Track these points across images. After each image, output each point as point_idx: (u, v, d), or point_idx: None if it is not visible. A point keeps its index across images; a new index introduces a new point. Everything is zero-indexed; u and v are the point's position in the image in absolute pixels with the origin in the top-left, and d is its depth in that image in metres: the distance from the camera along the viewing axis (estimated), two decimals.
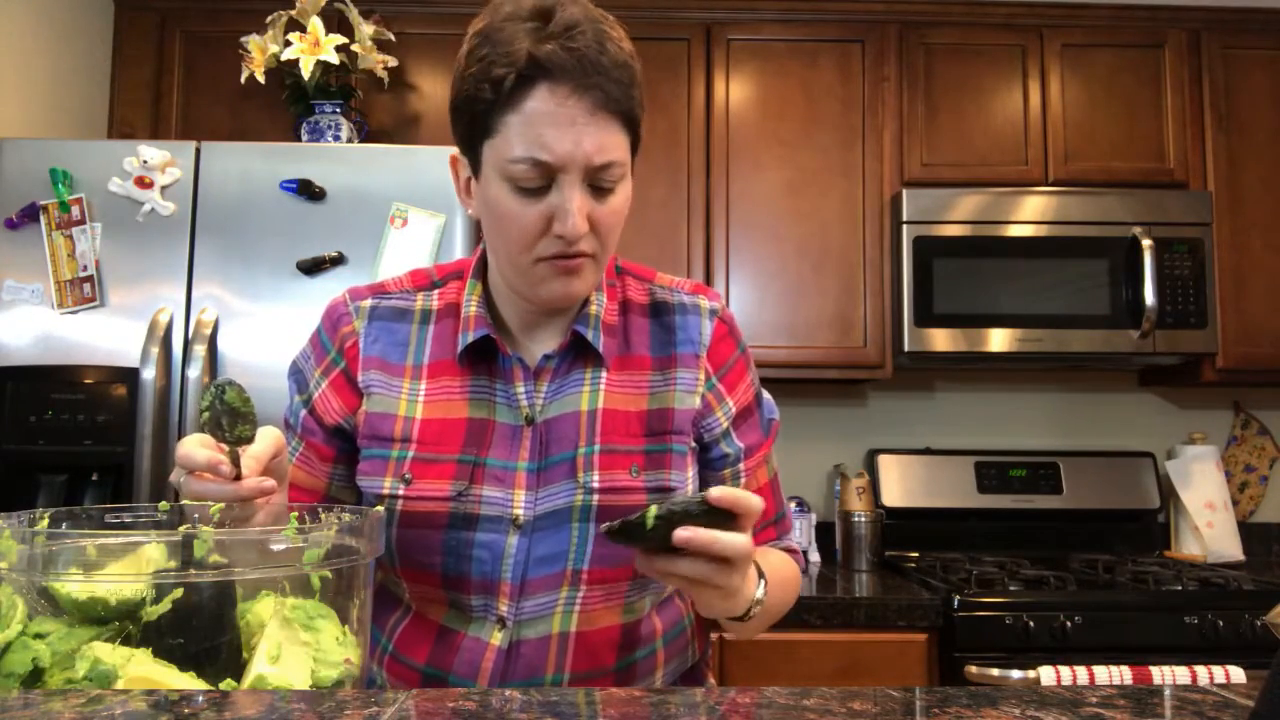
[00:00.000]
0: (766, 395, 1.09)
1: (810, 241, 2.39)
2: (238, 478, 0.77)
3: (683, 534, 0.71)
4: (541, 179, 0.85)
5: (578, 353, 0.97)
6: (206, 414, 0.76)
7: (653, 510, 0.72)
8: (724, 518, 0.74)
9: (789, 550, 1.08)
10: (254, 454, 0.79)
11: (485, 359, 0.96)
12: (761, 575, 0.87)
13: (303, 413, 1.00)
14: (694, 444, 0.99)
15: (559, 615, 0.92)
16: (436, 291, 1.01)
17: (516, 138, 0.84)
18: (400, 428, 0.94)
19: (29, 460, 1.82)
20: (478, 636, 0.92)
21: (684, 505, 0.72)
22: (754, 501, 0.75)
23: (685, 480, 0.97)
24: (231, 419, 0.76)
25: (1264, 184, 2.43)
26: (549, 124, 0.83)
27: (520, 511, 0.92)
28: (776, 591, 0.93)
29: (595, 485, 0.92)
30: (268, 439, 0.81)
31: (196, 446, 0.77)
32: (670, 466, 0.95)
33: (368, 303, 1.00)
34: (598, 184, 0.87)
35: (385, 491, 0.93)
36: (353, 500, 1.02)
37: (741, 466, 1.04)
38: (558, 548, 0.92)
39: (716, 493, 0.73)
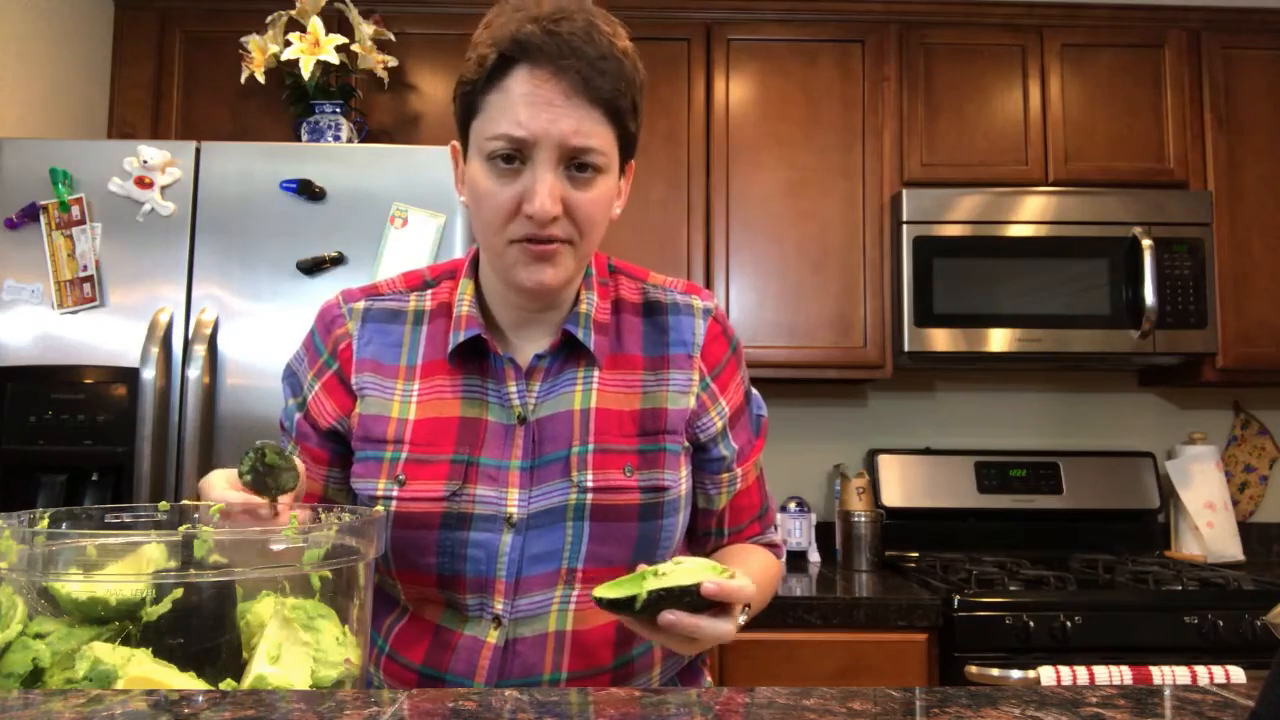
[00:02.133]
0: (755, 391, 1.09)
1: (810, 241, 2.39)
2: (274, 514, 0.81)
3: (668, 618, 0.77)
4: (516, 155, 0.86)
5: (569, 352, 0.97)
6: (249, 476, 0.80)
7: (643, 593, 0.76)
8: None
9: (770, 545, 1.10)
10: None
11: (477, 358, 0.96)
12: (746, 605, 0.88)
13: (297, 416, 0.99)
14: (688, 444, 0.99)
15: (555, 614, 0.92)
16: (429, 291, 1.00)
17: (496, 114, 0.86)
18: (393, 429, 0.94)
19: (29, 460, 1.82)
20: (474, 635, 0.92)
21: (677, 588, 0.77)
22: (744, 593, 0.79)
23: (679, 479, 0.97)
24: (274, 477, 0.81)
25: (1264, 184, 2.43)
26: (526, 103, 0.85)
27: (514, 510, 0.92)
28: (756, 604, 0.95)
29: (589, 484, 0.92)
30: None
31: (227, 490, 0.81)
32: (664, 466, 0.95)
33: (361, 304, 0.99)
34: (575, 170, 0.87)
35: (379, 493, 0.92)
36: (348, 502, 1.01)
37: (738, 471, 1.04)
38: (552, 546, 0.92)
39: (711, 587, 0.77)
